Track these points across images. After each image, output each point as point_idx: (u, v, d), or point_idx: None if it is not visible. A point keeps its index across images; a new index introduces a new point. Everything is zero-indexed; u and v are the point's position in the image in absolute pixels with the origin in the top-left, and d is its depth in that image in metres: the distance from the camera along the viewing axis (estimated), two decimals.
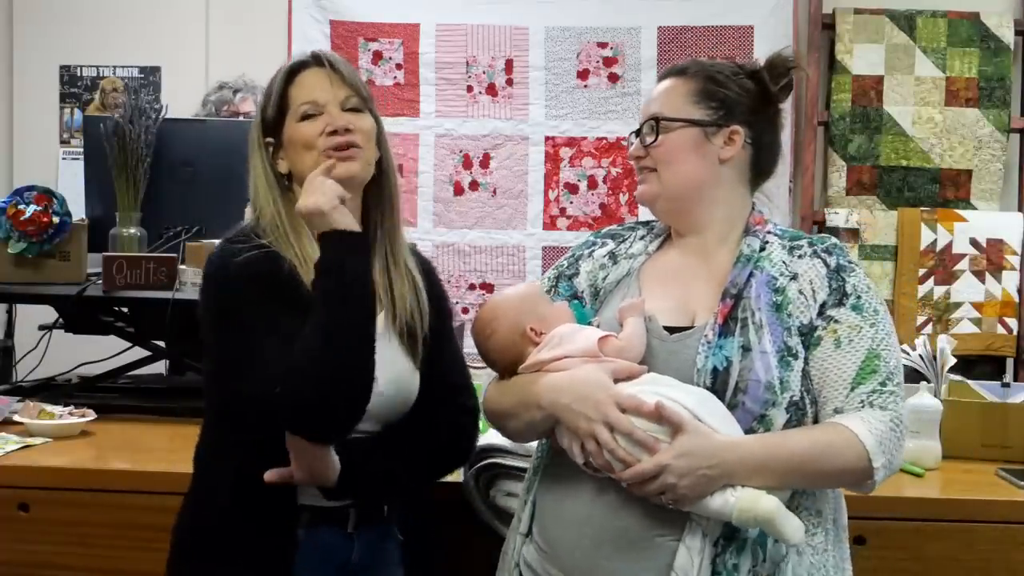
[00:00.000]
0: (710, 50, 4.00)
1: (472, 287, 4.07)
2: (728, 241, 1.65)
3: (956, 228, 3.87)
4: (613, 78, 4.05)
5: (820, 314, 1.55)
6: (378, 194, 1.75)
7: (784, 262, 1.59)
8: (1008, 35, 3.93)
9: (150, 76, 4.21)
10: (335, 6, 4.06)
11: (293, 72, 1.70)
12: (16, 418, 2.37)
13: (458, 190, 4.08)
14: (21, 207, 2.62)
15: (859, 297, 1.56)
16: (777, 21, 3.96)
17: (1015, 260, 3.86)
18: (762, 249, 1.62)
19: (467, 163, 4.08)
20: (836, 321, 1.55)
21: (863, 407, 1.51)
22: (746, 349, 1.52)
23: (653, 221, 1.78)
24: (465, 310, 4.04)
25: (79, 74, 4.24)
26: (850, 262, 1.60)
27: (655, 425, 1.46)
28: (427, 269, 1.85)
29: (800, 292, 1.56)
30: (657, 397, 1.47)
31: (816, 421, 1.55)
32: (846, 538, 1.63)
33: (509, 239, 4.06)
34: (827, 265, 1.58)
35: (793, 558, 1.51)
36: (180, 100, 3.78)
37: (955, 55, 3.93)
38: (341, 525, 1.69)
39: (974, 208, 3.92)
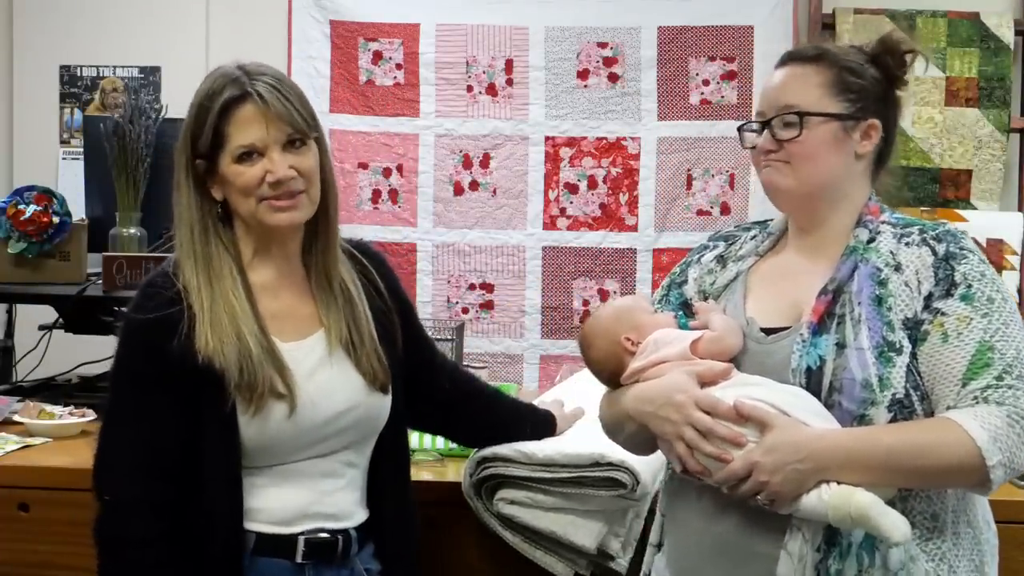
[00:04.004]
0: (710, 50, 3.99)
1: (472, 287, 4.07)
2: (843, 235, 1.56)
3: None
4: (613, 78, 4.04)
5: (926, 307, 1.45)
6: (322, 214, 1.69)
7: (891, 252, 1.50)
8: (1008, 35, 3.92)
9: (150, 76, 4.21)
10: (335, 6, 4.06)
11: (226, 108, 1.61)
12: (16, 418, 2.37)
13: (458, 190, 4.08)
14: (21, 207, 2.62)
15: (969, 286, 1.44)
16: (777, 21, 3.96)
17: (1015, 260, 3.85)
18: (871, 240, 1.53)
19: (467, 163, 4.07)
20: (943, 313, 1.44)
21: (977, 404, 1.39)
22: (841, 346, 1.45)
23: (768, 220, 1.70)
24: (465, 310, 4.04)
25: (79, 74, 4.24)
26: (962, 249, 1.48)
27: (746, 429, 1.41)
28: (382, 272, 1.80)
29: (905, 284, 1.47)
30: (738, 397, 1.42)
31: None
32: (985, 540, 1.53)
33: (509, 239, 4.05)
34: (935, 253, 1.47)
35: (908, 566, 1.42)
36: (180, 100, 3.76)
37: (955, 55, 3.93)
38: (289, 556, 1.63)
39: (974, 208, 3.92)
